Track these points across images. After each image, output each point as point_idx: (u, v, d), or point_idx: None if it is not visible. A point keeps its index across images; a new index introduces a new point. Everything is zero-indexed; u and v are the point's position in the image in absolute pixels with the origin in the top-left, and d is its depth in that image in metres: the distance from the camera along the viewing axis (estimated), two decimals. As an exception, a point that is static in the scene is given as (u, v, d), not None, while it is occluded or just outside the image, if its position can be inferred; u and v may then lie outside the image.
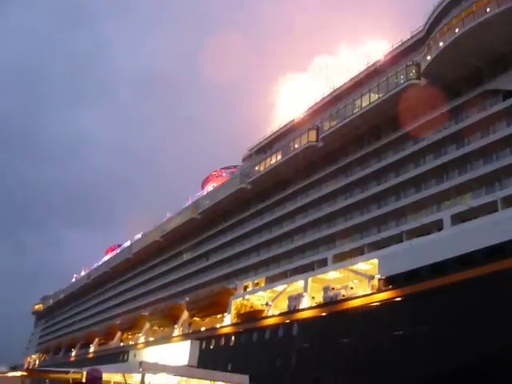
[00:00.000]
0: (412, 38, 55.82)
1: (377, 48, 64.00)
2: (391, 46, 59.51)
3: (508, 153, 43.31)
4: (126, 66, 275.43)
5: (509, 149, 43.25)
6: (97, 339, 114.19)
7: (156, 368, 51.34)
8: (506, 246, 36.69)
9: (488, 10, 42.19)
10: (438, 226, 45.98)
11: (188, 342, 70.95)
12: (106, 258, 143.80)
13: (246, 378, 53.11)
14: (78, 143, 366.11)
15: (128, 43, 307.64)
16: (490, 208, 41.94)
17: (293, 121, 74.37)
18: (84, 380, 40.86)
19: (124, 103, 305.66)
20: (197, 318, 78.34)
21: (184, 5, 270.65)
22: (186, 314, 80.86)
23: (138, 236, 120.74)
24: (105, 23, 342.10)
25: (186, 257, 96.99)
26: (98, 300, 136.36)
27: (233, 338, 64.92)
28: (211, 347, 67.83)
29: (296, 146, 66.40)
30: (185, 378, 55.83)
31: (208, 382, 52.68)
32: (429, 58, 48.40)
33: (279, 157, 69.79)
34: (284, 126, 76.41)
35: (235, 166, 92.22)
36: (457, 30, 44.50)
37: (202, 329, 74.89)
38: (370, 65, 61.72)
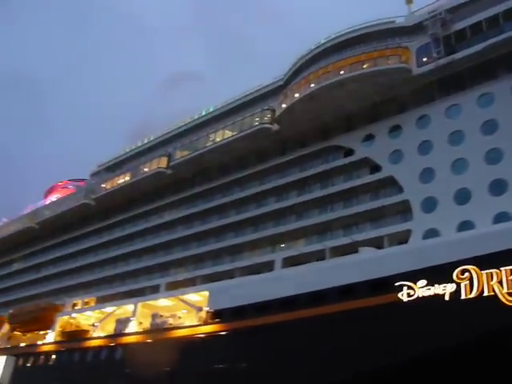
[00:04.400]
0: (271, 84, 58.21)
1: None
2: (251, 88, 61.40)
3: (341, 206, 46.27)
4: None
5: (342, 202, 46.22)
6: None
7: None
8: (327, 292, 39.01)
9: (342, 72, 45.25)
10: (269, 266, 47.78)
11: (3, 358, 67.21)
12: None
13: None
14: None
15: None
16: (319, 255, 44.40)
17: (146, 143, 74.21)
18: None
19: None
20: (18, 333, 74.52)
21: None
22: (6, 327, 76.57)
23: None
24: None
25: (17, 266, 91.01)
26: None
27: (53, 356, 62.46)
28: (28, 365, 64.80)
29: (146, 169, 65.88)
30: None
31: None
32: (283, 105, 50.59)
33: (127, 178, 68.75)
34: (137, 147, 75.99)
35: (83, 180, 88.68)
36: (312, 85, 47.09)
37: (22, 344, 71.27)
38: (228, 102, 63.31)
